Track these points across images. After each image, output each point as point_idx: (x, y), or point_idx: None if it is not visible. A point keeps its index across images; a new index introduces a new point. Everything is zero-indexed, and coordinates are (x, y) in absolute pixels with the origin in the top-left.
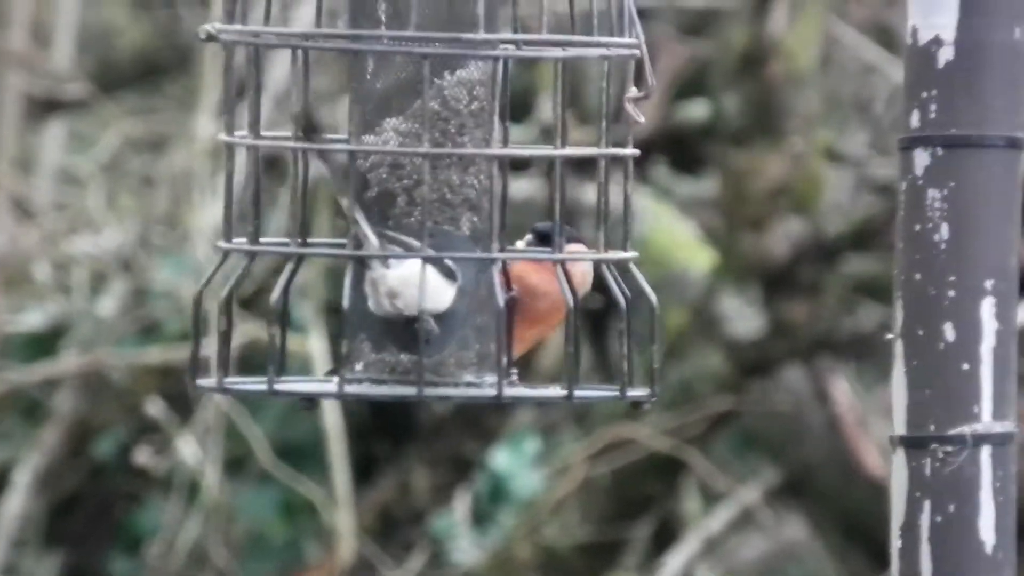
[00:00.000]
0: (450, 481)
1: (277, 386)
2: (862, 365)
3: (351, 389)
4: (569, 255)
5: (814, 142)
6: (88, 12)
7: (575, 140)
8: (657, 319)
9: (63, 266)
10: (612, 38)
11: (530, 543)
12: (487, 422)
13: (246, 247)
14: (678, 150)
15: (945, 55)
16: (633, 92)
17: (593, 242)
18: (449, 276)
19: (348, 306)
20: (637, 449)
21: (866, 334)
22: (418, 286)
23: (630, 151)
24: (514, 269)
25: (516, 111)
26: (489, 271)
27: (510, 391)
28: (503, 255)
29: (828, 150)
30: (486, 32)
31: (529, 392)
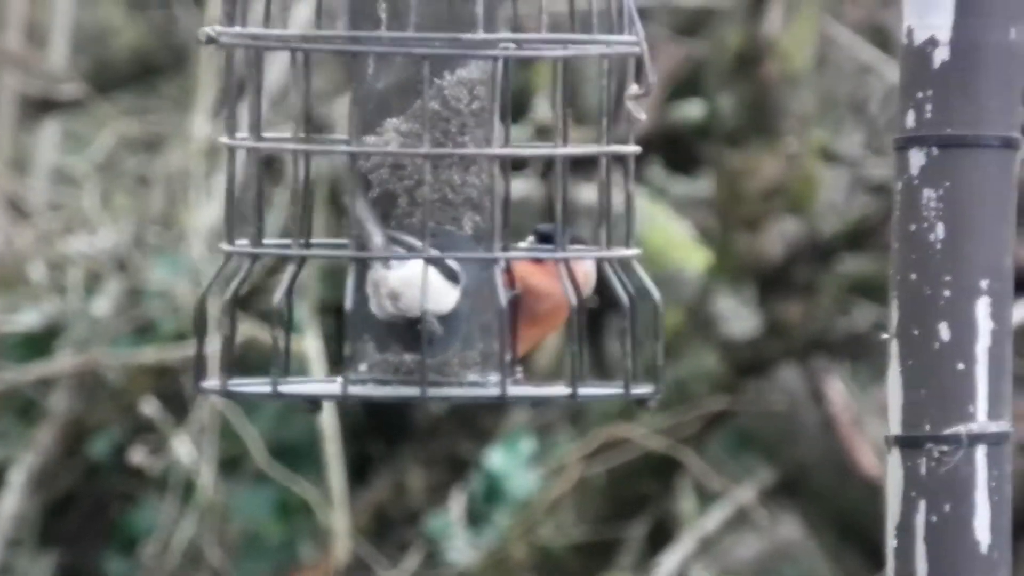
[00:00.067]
0: (445, 481)
1: (281, 388)
2: (857, 365)
3: (355, 390)
4: (572, 253)
5: (809, 142)
6: (83, 12)
7: (573, 139)
8: (660, 316)
9: (58, 266)
10: (612, 36)
11: (525, 543)
12: (482, 422)
13: (249, 249)
14: (673, 150)
15: (940, 55)
16: (634, 89)
17: (594, 242)
18: (451, 278)
19: (351, 307)
20: (632, 449)
21: (861, 334)
22: (420, 287)
23: (632, 148)
24: (516, 270)
25: (512, 111)
26: (492, 270)
27: (514, 390)
28: (505, 255)
29: (823, 150)
30: (485, 32)
31: (533, 391)
